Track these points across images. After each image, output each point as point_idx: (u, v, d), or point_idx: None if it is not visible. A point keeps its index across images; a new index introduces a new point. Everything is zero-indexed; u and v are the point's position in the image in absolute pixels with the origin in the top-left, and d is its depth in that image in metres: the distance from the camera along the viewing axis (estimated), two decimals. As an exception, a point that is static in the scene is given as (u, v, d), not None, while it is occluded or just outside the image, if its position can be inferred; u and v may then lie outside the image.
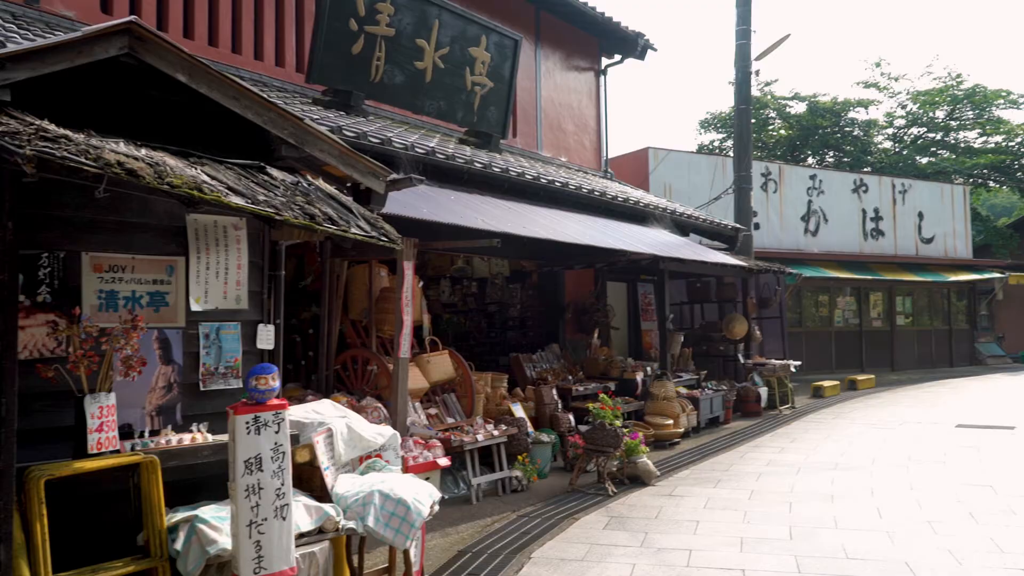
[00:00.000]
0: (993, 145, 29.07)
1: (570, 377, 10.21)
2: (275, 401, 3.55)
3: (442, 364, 7.56)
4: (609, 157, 14.67)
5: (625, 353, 12.56)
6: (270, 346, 4.46)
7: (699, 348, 13.48)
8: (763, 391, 12.70)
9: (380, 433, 4.49)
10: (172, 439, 3.88)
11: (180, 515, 3.61)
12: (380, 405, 6.46)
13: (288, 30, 9.04)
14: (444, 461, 6.29)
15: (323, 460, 4.08)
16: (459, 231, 6.89)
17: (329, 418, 4.37)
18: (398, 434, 4.70)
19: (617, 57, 14.35)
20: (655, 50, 14.35)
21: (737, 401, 12.23)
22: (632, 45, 14.00)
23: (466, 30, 9.40)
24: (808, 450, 9.32)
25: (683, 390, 10.84)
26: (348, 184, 4.52)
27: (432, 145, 7.79)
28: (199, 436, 3.97)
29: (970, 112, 29.04)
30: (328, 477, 4.09)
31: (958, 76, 28.85)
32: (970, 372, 20.06)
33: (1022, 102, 28.78)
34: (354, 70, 8.20)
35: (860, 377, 16.89)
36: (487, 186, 8.60)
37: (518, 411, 8.13)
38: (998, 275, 22.18)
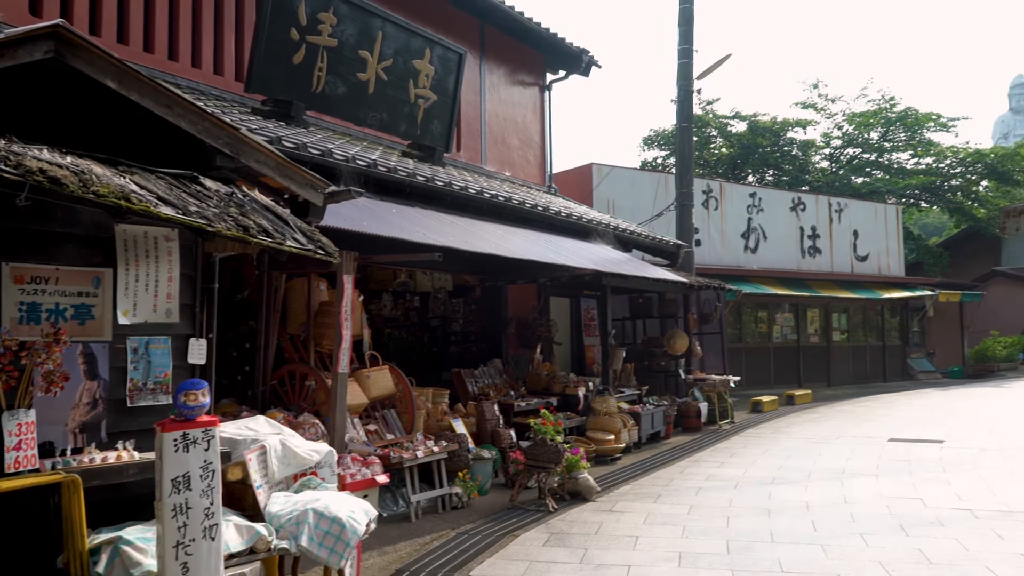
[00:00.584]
0: (924, 166, 30.07)
1: (512, 392, 10.18)
2: (205, 418, 3.45)
3: (382, 379, 7.46)
4: (553, 172, 14.75)
5: (568, 368, 12.58)
6: (202, 361, 4.34)
7: (641, 363, 13.59)
8: (703, 406, 12.85)
9: (316, 450, 4.39)
10: (96, 457, 3.74)
11: (103, 536, 3.47)
12: (318, 421, 6.35)
13: (227, 38, 8.89)
14: (382, 478, 6.20)
15: (256, 478, 3.97)
16: (401, 245, 6.83)
17: (263, 435, 4.27)
18: (334, 451, 4.61)
19: (562, 73, 14.47)
20: (599, 67, 14.51)
21: (678, 416, 12.35)
22: (577, 61, 14.13)
23: (410, 42, 9.36)
24: (746, 464, 9.44)
25: (625, 405, 10.90)
26: (286, 196, 4.44)
27: (374, 158, 7.72)
28: (125, 454, 3.83)
29: (903, 134, 30.01)
30: (261, 495, 3.98)
31: (891, 99, 29.80)
32: (902, 387, 20.61)
33: (951, 126, 29.86)
34: (295, 80, 8.09)
35: (798, 392, 17.22)
36: (430, 200, 8.55)
37: (459, 427, 8.07)
38: (929, 293, 22.88)
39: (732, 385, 13.68)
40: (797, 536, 6.12)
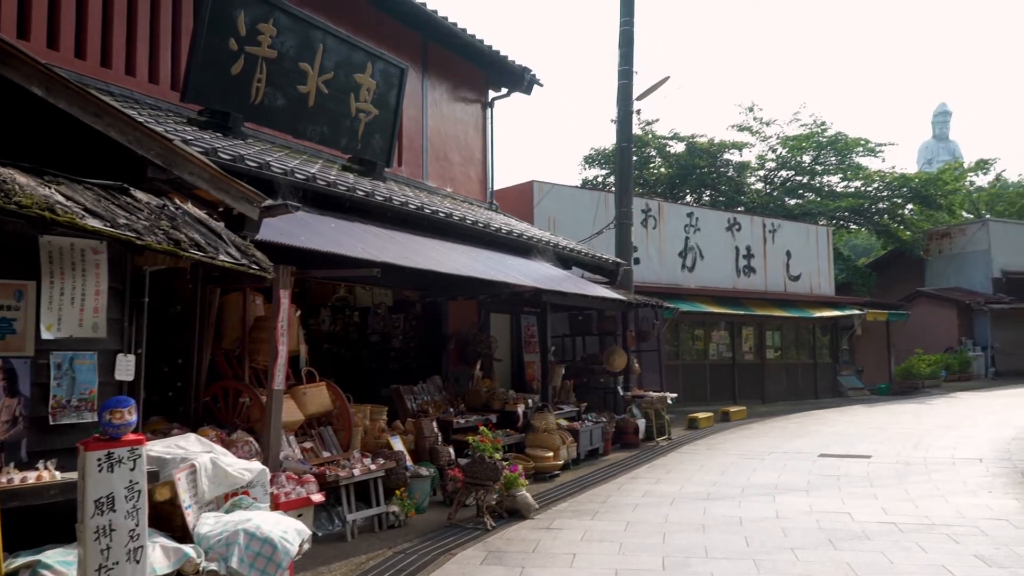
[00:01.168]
0: (853, 189, 31.07)
1: (452, 409, 10.12)
2: (131, 436, 3.34)
3: (319, 396, 7.34)
4: (495, 189, 14.80)
5: (508, 385, 12.58)
6: (129, 377, 4.21)
7: (580, 380, 13.66)
8: (641, 423, 12.97)
9: (248, 469, 4.29)
10: (15, 477, 3.59)
11: (21, 560, 3.33)
12: (252, 439, 6.20)
13: (163, 45, 8.71)
14: (318, 497, 6.09)
15: (184, 498, 3.86)
16: (339, 260, 6.75)
17: (193, 453, 4.15)
18: (267, 470, 4.51)
19: (504, 90, 14.54)
20: (541, 85, 14.64)
21: (616, 433, 12.43)
22: (519, 79, 14.23)
23: (351, 56, 9.30)
24: (683, 481, 9.54)
25: (564, 422, 10.93)
26: (220, 209, 4.35)
27: (313, 171, 7.63)
28: (46, 474, 3.68)
29: (833, 158, 30.96)
30: (190, 516, 3.87)
31: (822, 124, 30.76)
32: (833, 404, 21.12)
33: (879, 151, 30.95)
34: (233, 91, 7.96)
35: (733, 409, 17.50)
36: (370, 215, 8.48)
37: (397, 444, 7.99)
38: (857, 312, 23.56)
39: (669, 402, 13.85)
40: (731, 551, 6.20)
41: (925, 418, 16.30)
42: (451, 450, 8.76)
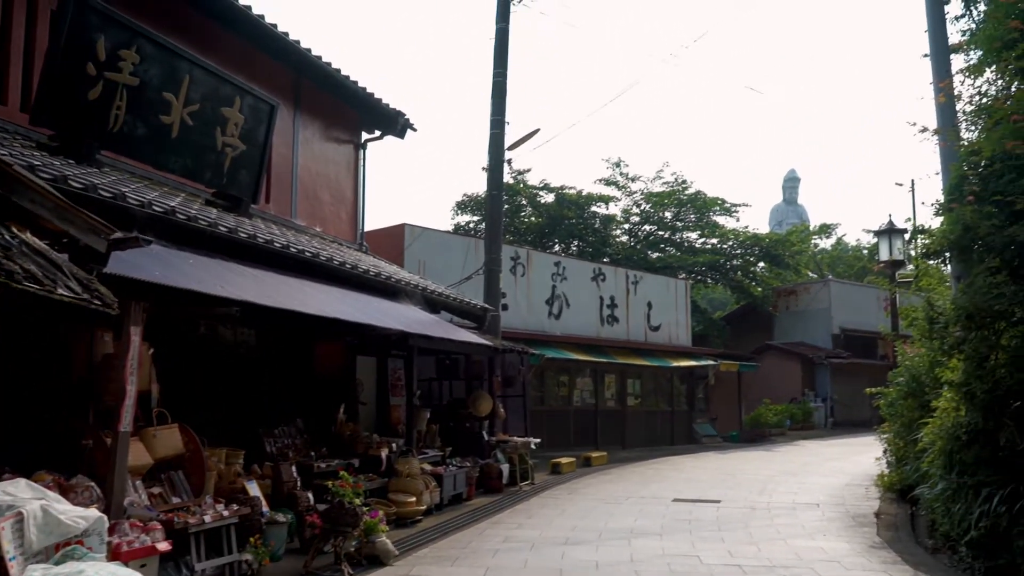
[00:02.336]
0: (710, 246, 32.75)
1: (313, 453, 9.85)
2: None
3: (170, 439, 7.00)
4: (365, 231, 14.70)
5: (372, 429, 12.36)
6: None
7: (446, 424, 13.60)
8: (505, 468, 13.02)
9: (83, 516, 4.04)
10: None
11: None
12: (93, 484, 5.83)
13: (14, 65, 8.22)
14: (164, 545, 5.77)
15: (8, 549, 3.59)
16: (197, 297, 6.52)
17: (22, 500, 3.87)
18: (104, 517, 4.25)
19: (377, 132, 14.55)
20: (415, 130, 14.74)
21: (480, 477, 12.43)
22: (392, 123, 14.29)
23: (219, 89, 9.10)
24: (543, 525, 9.64)
25: (428, 467, 10.84)
26: (65, 240, 4.13)
27: (173, 204, 7.37)
28: None
29: (693, 215, 32.58)
30: (14, 569, 3.59)
31: (683, 182, 32.36)
32: (688, 450, 21.91)
33: (734, 211, 32.83)
34: (89, 117, 7.61)
35: (594, 454, 17.86)
36: (233, 252, 8.22)
37: (253, 489, 7.69)
38: (712, 362, 24.69)
39: (533, 447, 14.00)
40: (586, 595, 6.30)
41: (771, 465, 17.16)
42: (310, 495, 8.52)
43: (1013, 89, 6.96)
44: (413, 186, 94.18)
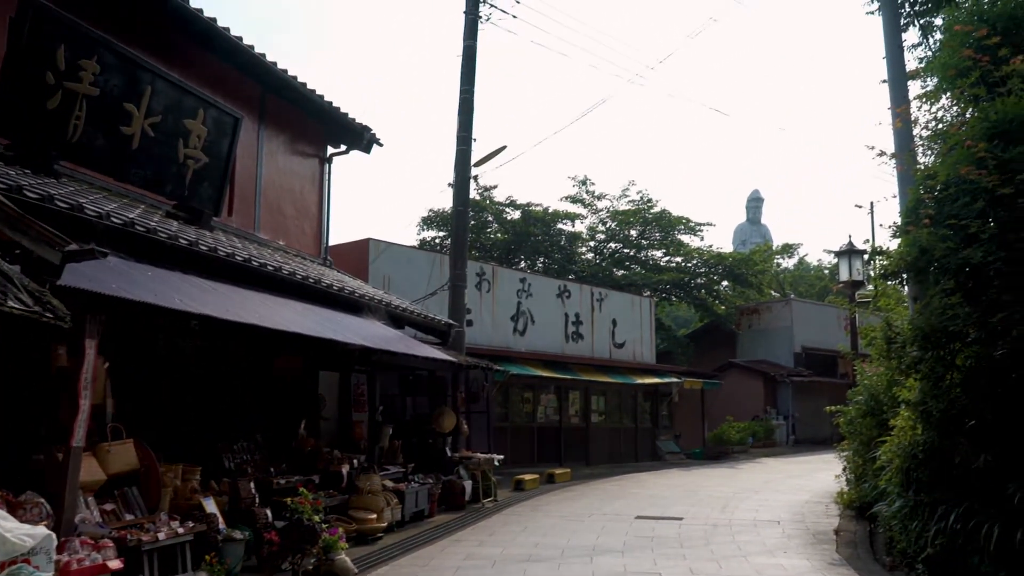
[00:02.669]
0: (675, 264, 33.04)
1: (272, 469, 9.72)
2: None
3: (124, 454, 6.87)
4: (330, 245, 14.60)
5: (334, 444, 12.23)
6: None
7: (409, 440, 13.51)
8: (468, 484, 12.96)
9: (30, 535, 3.94)
10: None
11: None
12: (43, 500, 5.69)
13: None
14: (116, 563, 5.63)
15: (-48, 567, 3.49)
16: (155, 310, 6.41)
17: (-33, 517, 3.77)
18: (52, 535, 4.16)
19: (343, 147, 14.48)
20: (381, 145, 14.69)
21: (443, 494, 12.35)
22: (358, 137, 14.24)
23: (182, 101, 9.01)
24: (506, 543, 9.59)
25: (389, 483, 10.75)
26: (17, 251, 4.05)
27: (132, 216, 7.26)
28: None
29: (658, 234, 32.86)
30: (-43, 587, 3.49)
31: (649, 201, 32.65)
32: (652, 467, 21.98)
33: (698, 230, 33.18)
34: (47, 126, 7.48)
35: (558, 471, 17.84)
36: (193, 265, 8.12)
37: (210, 506, 7.56)
38: (676, 380, 24.83)
39: (496, 464, 13.94)
40: (547, 614, 6.26)
41: (733, 482, 17.27)
42: (269, 512, 8.39)
43: (967, 116, 7.13)
44: (379, 201, 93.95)
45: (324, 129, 14.10)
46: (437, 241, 30.52)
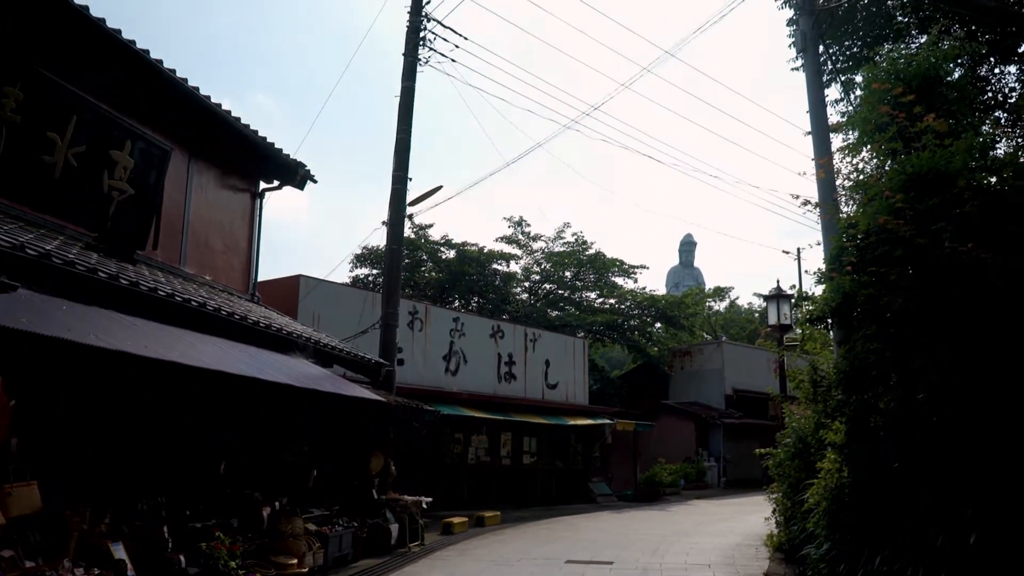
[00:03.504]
0: (609, 306, 33.37)
1: (188, 511, 9.33)
2: None
3: (27, 496, 6.50)
4: (259, 281, 14.29)
5: (255, 485, 11.83)
6: None
7: (334, 481, 13.16)
8: (395, 527, 12.67)
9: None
10: None
11: None
12: (-66, 548, 5.34)
13: None
14: (13, 615, 5.30)
15: None
16: (71, 347, 6.13)
17: None
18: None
19: (275, 182, 14.26)
20: (315, 181, 14.50)
21: (368, 538, 12.04)
22: (292, 173, 14.04)
23: (109, 131, 8.75)
24: (432, 589, 9.37)
25: (312, 526, 10.44)
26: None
27: (49, 248, 6.97)
28: None
29: (592, 275, 33.20)
30: None
31: (584, 243, 33.01)
32: (584, 509, 21.87)
33: (632, 272, 33.63)
34: (-38, 153, 7.17)
35: (488, 513, 17.59)
36: (114, 300, 7.83)
37: (119, 552, 7.20)
38: (608, 421, 24.91)
39: (424, 506, 13.69)
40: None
41: (665, 525, 17.29)
42: (183, 557, 8.03)
43: (886, 168, 7.38)
44: (312, 238, 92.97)
45: (257, 164, 13.87)
46: (370, 279, 30.25)
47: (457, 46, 16.15)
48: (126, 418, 10.07)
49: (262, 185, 14.22)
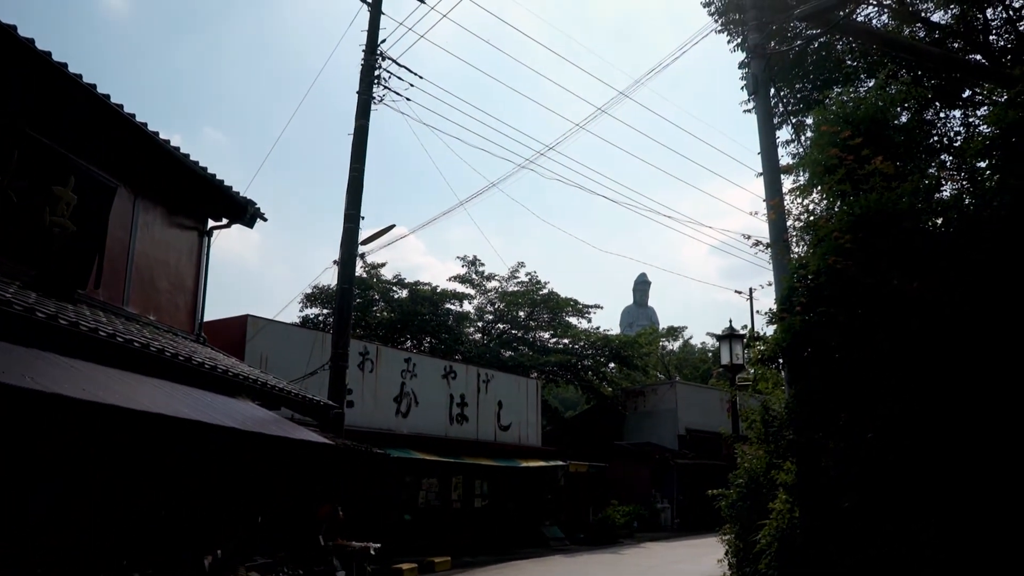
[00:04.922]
0: (562, 346, 33.37)
1: (125, 562, 8.95)
2: None
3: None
4: (206, 321, 13.95)
5: (195, 532, 11.43)
6: None
7: (279, 528, 12.79)
8: (341, 575, 12.32)
9: None
10: None
11: None
12: None
13: None
14: None
15: None
16: (5, 389, 5.85)
17: None
18: None
19: (224, 220, 14.01)
20: (265, 219, 14.29)
21: (315, 587, 11.68)
22: (241, 211, 13.81)
23: (51, 166, 8.52)
24: (381, 639, 9.08)
25: (256, 575, 10.07)
26: None
27: (-18, 285, 6.71)
28: None
29: (546, 315, 33.23)
30: None
31: (538, 283, 33.08)
32: (536, 554, 21.58)
33: (586, 312, 33.76)
34: None
35: (437, 559, 17.27)
36: (53, 341, 7.54)
37: (50, 607, 6.83)
38: (561, 463, 24.76)
39: (372, 552, 13.36)
40: None
41: (617, 568, 17.14)
42: (118, 613, 7.67)
43: (836, 209, 7.52)
44: (262, 277, 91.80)
45: (205, 201, 13.62)
46: (320, 319, 29.85)
47: (412, 84, 16.24)
48: (58, 466, 9.68)
49: (210, 223, 13.95)
